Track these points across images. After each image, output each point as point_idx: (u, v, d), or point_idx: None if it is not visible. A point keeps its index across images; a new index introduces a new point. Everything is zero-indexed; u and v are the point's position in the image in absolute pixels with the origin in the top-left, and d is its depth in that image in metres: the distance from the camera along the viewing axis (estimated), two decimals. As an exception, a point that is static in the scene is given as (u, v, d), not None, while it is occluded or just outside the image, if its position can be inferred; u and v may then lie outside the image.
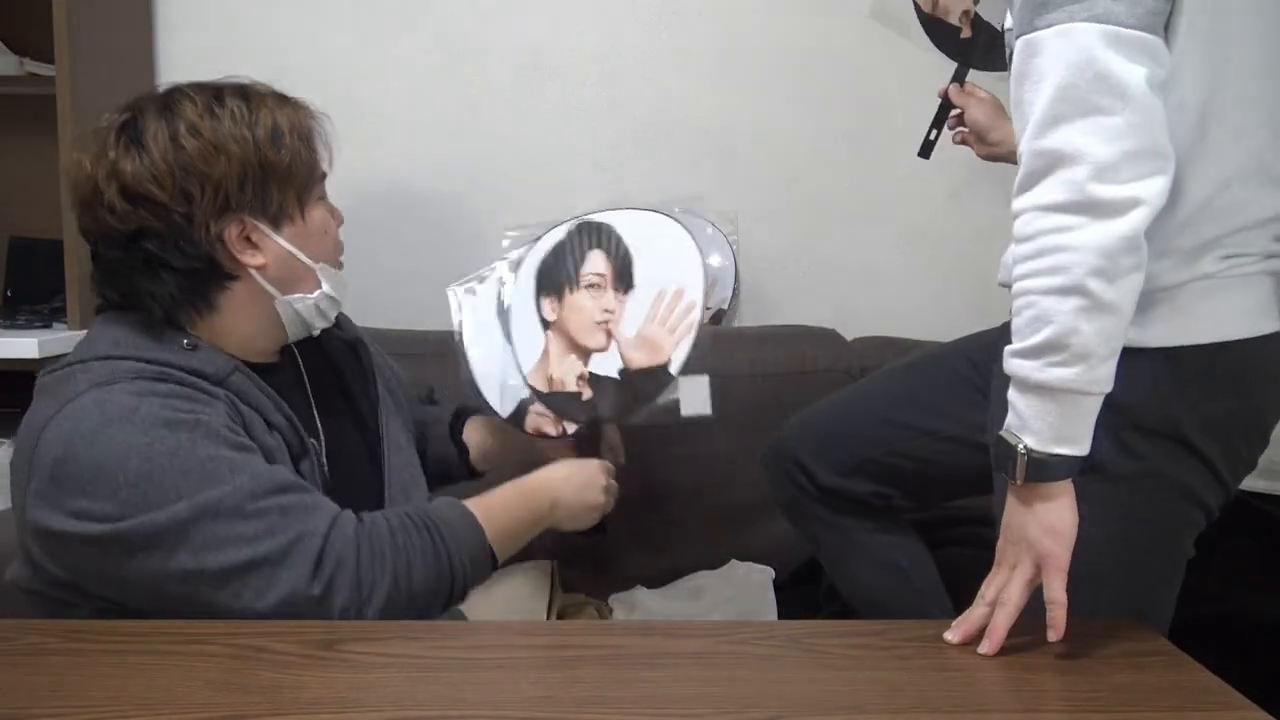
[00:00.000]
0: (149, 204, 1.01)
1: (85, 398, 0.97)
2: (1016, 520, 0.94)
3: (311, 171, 1.11)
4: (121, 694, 0.82)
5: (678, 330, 1.27)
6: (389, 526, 1.00)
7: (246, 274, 1.06)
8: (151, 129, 1.02)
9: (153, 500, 0.93)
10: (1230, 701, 0.84)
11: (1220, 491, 1.00)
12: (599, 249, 1.32)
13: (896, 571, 1.32)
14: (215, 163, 1.01)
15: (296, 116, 1.10)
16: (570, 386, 1.30)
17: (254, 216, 1.05)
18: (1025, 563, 0.93)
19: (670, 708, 0.81)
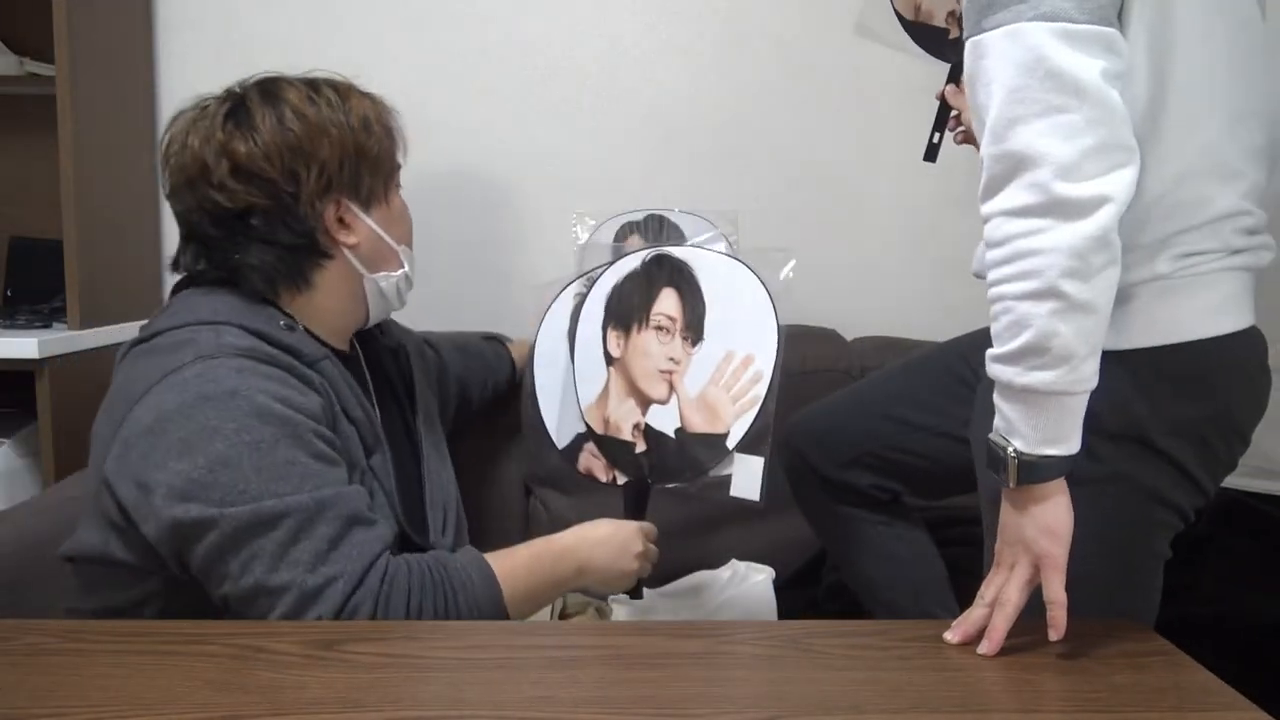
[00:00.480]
0: (260, 181, 1.06)
1: (189, 370, 0.98)
2: (1012, 522, 0.94)
3: (393, 160, 1.18)
4: (121, 694, 0.82)
5: (741, 401, 1.20)
6: (409, 583, 0.99)
7: (340, 252, 1.13)
8: (259, 113, 1.07)
9: (220, 492, 0.94)
10: (1230, 701, 0.84)
11: (1194, 492, 0.99)
12: (673, 288, 1.25)
13: (897, 563, 1.33)
14: (319, 145, 1.08)
15: (378, 109, 1.16)
16: (625, 435, 1.24)
17: (349, 198, 1.12)
18: (1023, 563, 0.93)
19: (670, 708, 0.81)
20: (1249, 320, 0.97)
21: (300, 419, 1.00)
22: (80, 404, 1.62)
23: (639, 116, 1.87)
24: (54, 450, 1.55)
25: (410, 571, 1.00)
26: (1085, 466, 0.93)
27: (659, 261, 1.27)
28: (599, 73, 1.86)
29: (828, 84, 1.87)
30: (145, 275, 1.83)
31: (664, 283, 1.26)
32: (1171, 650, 0.94)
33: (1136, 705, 0.83)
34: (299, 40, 1.84)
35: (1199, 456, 0.97)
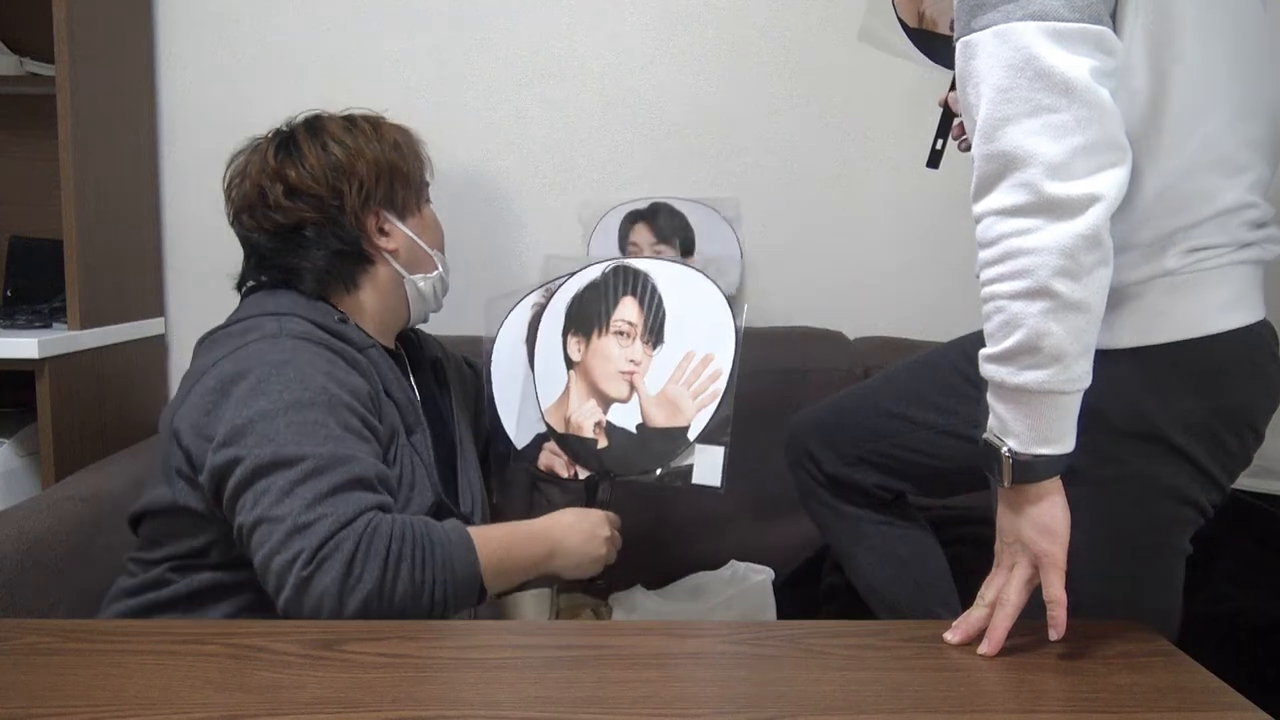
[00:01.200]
0: (309, 198, 1.24)
1: (252, 346, 1.13)
2: (1009, 522, 0.94)
3: (422, 178, 1.35)
4: (121, 694, 0.82)
5: (701, 396, 1.27)
6: (391, 533, 1.03)
7: (382, 257, 1.29)
8: (306, 143, 1.26)
9: (253, 438, 1.05)
10: (1230, 701, 0.84)
11: (1212, 488, 0.99)
12: (632, 296, 1.33)
13: (898, 563, 1.33)
14: (358, 165, 1.26)
15: (407, 136, 1.34)
16: (586, 433, 1.31)
17: (386, 210, 1.29)
18: (1022, 563, 0.93)
19: (670, 708, 0.81)
20: (1260, 313, 0.97)
21: (339, 393, 1.11)
22: (80, 404, 1.62)
23: (639, 116, 1.87)
24: (54, 450, 1.55)
25: (394, 524, 1.05)
26: (1103, 468, 0.93)
27: (619, 272, 1.35)
28: (599, 73, 1.86)
29: (828, 84, 1.87)
30: (145, 275, 1.83)
31: (624, 291, 1.34)
32: (1172, 650, 0.94)
33: (1137, 706, 0.83)
34: (299, 40, 1.84)
35: (1211, 451, 0.96)
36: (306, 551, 0.99)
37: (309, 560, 0.99)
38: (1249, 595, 1.43)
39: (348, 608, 0.99)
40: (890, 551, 1.33)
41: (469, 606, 1.10)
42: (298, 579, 0.98)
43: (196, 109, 1.85)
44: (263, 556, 1.01)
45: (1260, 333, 0.97)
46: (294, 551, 0.99)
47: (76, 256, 1.59)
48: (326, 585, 0.98)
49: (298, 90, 1.85)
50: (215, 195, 1.90)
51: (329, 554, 0.99)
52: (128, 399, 1.76)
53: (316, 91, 1.85)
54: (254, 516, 1.02)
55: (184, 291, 1.89)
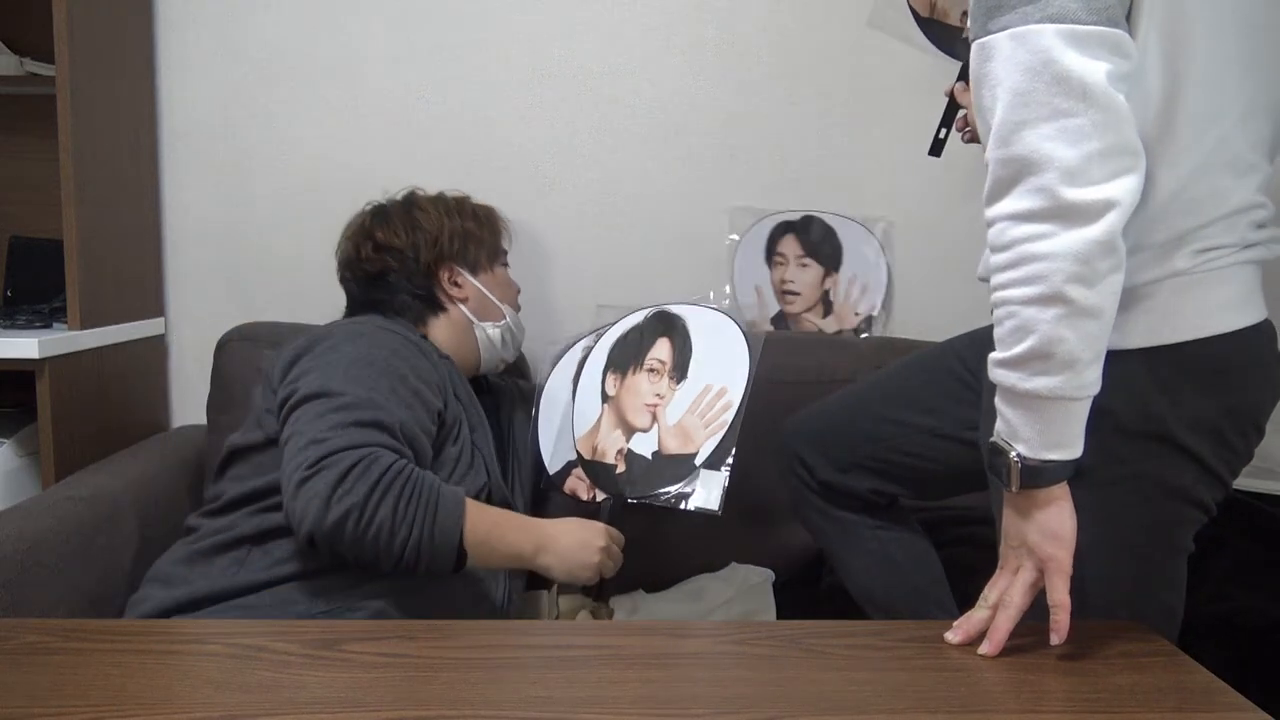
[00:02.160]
0: (392, 252, 1.47)
1: (340, 324, 1.35)
2: (1015, 526, 0.94)
3: (496, 244, 1.56)
4: (121, 693, 0.82)
5: (711, 425, 1.37)
6: (389, 465, 1.12)
7: (453, 305, 1.48)
8: (394, 212, 1.51)
9: (312, 377, 1.21)
10: (1230, 702, 0.84)
11: (1216, 486, 0.99)
12: (667, 338, 1.48)
13: (892, 567, 1.32)
14: (436, 227, 1.48)
15: (489, 213, 1.57)
16: (608, 459, 1.42)
17: (459, 264, 1.50)
18: (1027, 566, 0.93)
19: (670, 708, 0.81)
20: (1264, 313, 0.97)
21: (400, 366, 1.25)
22: (80, 404, 1.62)
23: (639, 116, 1.87)
24: (54, 450, 1.55)
25: (396, 461, 1.13)
26: (1110, 468, 0.93)
27: (660, 316, 1.51)
28: (599, 73, 1.86)
29: (829, 84, 1.87)
30: (145, 275, 1.83)
31: (661, 333, 1.49)
32: (1172, 651, 0.94)
33: (1137, 706, 0.83)
34: (299, 40, 1.84)
35: (1217, 449, 0.97)
36: (310, 460, 1.10)
37: (310, 465, 1.10)
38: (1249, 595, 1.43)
39: (330, 515, 1.08)
40: (885, 556, 1.33)
41: (444, 566, 1.14)
42: (298, 479, 1.10)
43: (196, 109, 1.85)
44: (283, 464, 1.14)
45: (1265, 331, 0.97)
46: (302, 457, 1.11)
47: (76, 256, 1.59)
48: (318, 489, 1.08)
49: (298, 90, 1.85)
50: (215, 195, 1.91)
51: (329, 465, 1.10)
52: (128, 399, 1.76)
53: (316, 91, 1.85)
54: (289, 432, 1.17)
55: (184, 291, 1.89)
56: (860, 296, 1.89)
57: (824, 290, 1.90)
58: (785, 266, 1.89)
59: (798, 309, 1.90)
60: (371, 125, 1.86)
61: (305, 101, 1.85)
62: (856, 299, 1.89)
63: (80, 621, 1.07)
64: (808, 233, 1.89)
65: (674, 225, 1.89)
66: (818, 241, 1.89)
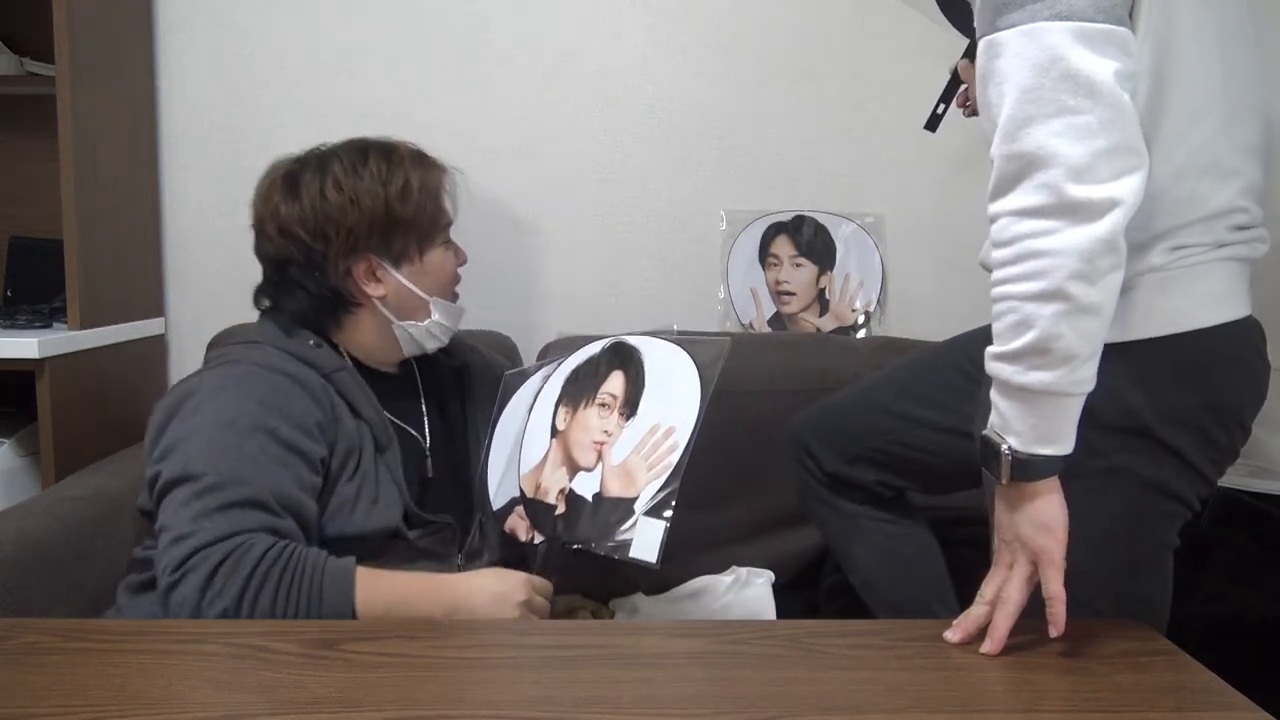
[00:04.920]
0: (296, 241, 1.25)
1: (213, 370, 1.22)
2: (1007, 519, 0.94)
3: (435, 223, 1.32)
4: (121, 693, 0.82)
5: (655, 468, 1.24)
6: (262, 554, 1.04)
7: (370, 302, 1.29)
8: (306, 181, 1.27)
9: (177, 456, 1.11)
10: (1230, 701, 0.84)
11: (1198, 481, 0.99)
12: (621, 371, 1.34)
13: (898, 561, 1.33)
14: (349, 213, 1.25)
15: (429, 175, 1.31)
16: (550, 499, 1.29)
17: (379, 256, 1.28)
18: (1021, 560, 0.93)
19: (670, 708, 0.81)
20: (1245, 309, 0.97)
21: (268, 419, 1.14)
22: (80, 404, 1.62)
23: (639, 116, 1.87)
24: (54, 450, 1.55)
25: (270, 547, 1.05)
26: (1086, 460, 0.93)
27: (616, 348, 1.37)
28: (599, 73, 1.86)
29: (828, 84, 1.87)
30: (145, 275, 1.83)
31: (615, 366, 1.34)
32: (1173, 650, 0.94)
33: (1137, 705, 0.83)
34: (299, 40, 1.84)
35: (1198, 445, 0.97)
36: (176, 560, 1.03)
37: (176, 567, 1.02)
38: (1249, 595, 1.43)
39: (206, 616, 1.01)
40: (891, 549, 1.33)
41: None
42: (165, 584, 1.03)
43: (196, 109, 1.85)
44: (155, 559, 1.07)
45: (1246, 327, 0.97)
46: (168, 558, 1.03)
47: (76, 256, 1.59)
48: (186, 594, 1.01)
49: (297, 90, 1.85)
50: (215, 195, 1.91)
51: (194, 565, 1.02)
52: (128, 399, 1.76)
53: (316, 92, 1.85)
54: (159, 524, 1.09)
55: (184, 291, 1.89)
56: (856, 293, 1.89)
57: (819, 289, 1.90)
58: (779, 267, 1.90)
59: (794, 309, 1.90)
60: (371, 125, 1.84)
61: (305, 101, 1.85)
62: (852, 296, 1.89)
63: (80, 621, 1.07)
64: (800, 232, 1.89)
65: (673, 225, 1.89)
66: (810, 241, 1.89)
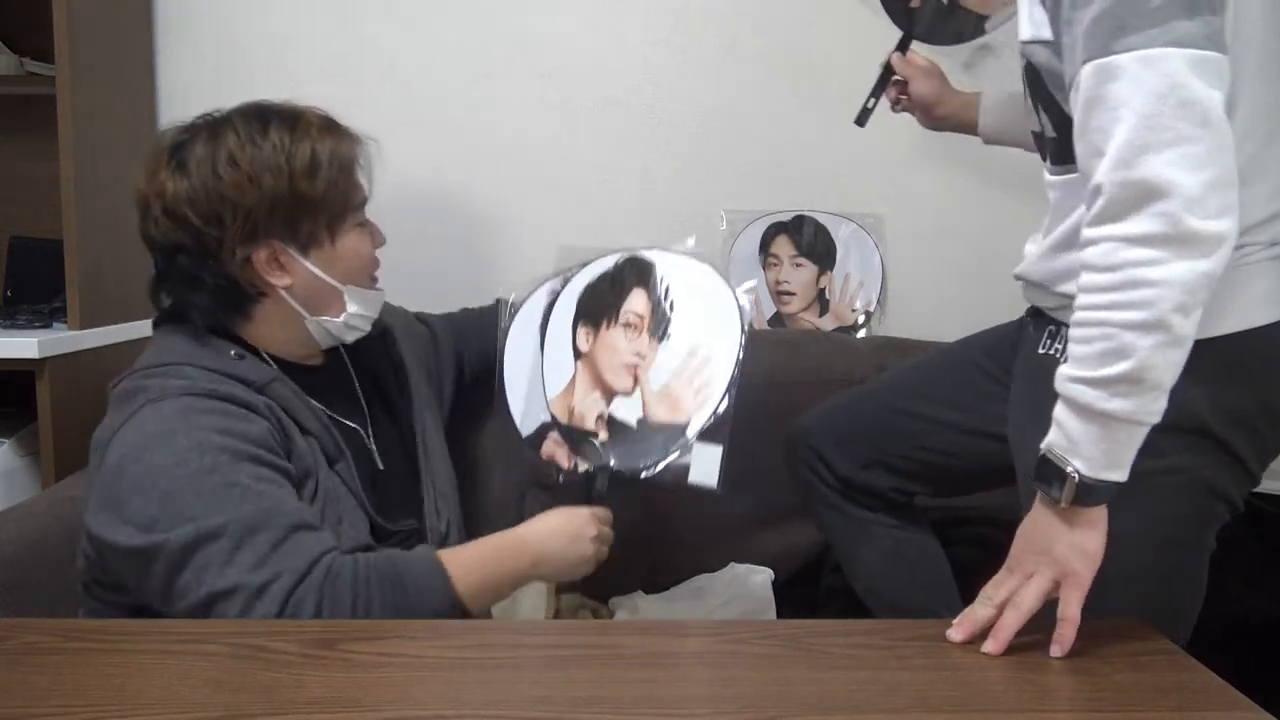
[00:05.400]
0: (185, 225, 1.10)
1: (138, 416, 1.05)
2: (1043, 534, 0.93)
3: (347, 201, 1.17)
4: (121, 693, 0.82)
5: (701, 394, 1.23)
6: (354, 576, 1.01)
7: (275, 292, 1.15)
8: (197, 155, 1.11)
9: (167, 521, 0.99)
10: (1231, 701, 0.84)
11: (1246, 482, 1.00)
12: (643, 288, 1.29)
13: (904, 565, 1.32)
14: (248, 193, 1.09)
15: (339, 146, 1.17)
16: (588, 425, 1.27)
17: (283, 242, 1.13)
18: (1045, 575, 0.93)
19: (670, 708, 0.81)
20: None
21: (241, 446, 1.04)
22: (80, 404, 1.62)
23: (639, 116, 1.87)
24: (54, 450, 1.55)
25: (357, 566, 1.02)
26: (1146, 462, 0.92)
27: (632, 263, 1.31)
28: (599, 73, 1.86)
29: (828, 84, 1.87)
30: (145, 275, 1.82)
31: (635, 283, 1.30)
32: (1174, 649, 0.94)
33: (1138, 705, 0.83)
34: (299, 40, 1.84)
35: (1251, 445, 0.98)
36: (270, 614, 0.97)
37: (278, 616, 0.97)
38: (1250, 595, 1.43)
39: None
40: (899, 554, 1.32)
41: None
42: None
43: (196, 109, 1.83)
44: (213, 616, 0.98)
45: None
46: (262, 613, 0.97)
47: (76, 256, 1.59)
48: None
49: (297, 91, 1.84)
50: (215, 195, 1.90)
51: (292, 614, 0.97)
52: (128, 399, 1.76)
53: (316, 92, 1.83)
54: (203, 595, 0.98)
55: (184, 291, 1.89)
56: (856, 293, 1.89)
57: (819, 289, 1.90)
58: (779, 267, 1.89)
59: (794, 309, 1.90)
60: (370, 125, 1.84)
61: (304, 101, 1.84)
62: (852, 296, 1.89)
63: (80, 621, 1.07)
64: (800, 232, 1.89)
65: (673, 225, 1.89)
66: (811, 241, 1.89)
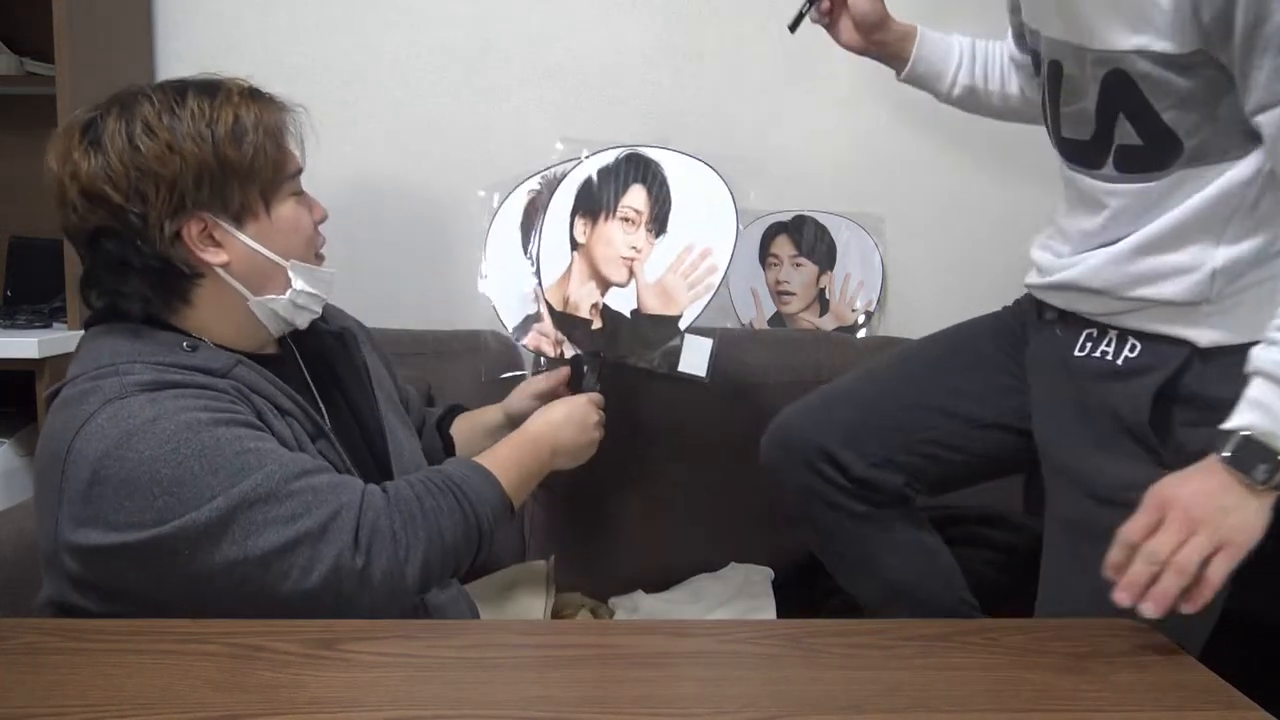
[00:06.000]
0: (105, 204, 1.01)
1: (100, 416, 0.96)
2: (1217, 503, 0.91)
3: (279, 168, 1.10)
4: (120, 693, 0.81)
5: (696, 288, 1.27)
6: (414, 491, 1.03)
7: (212, 271, 1.06)
8: (110, 129, 1.03)
9: (190, 502, 0.94)
10: (1231, 701, 0.84)
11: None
12: (641, 184, 1.32)
13: (928, 556, 1.29)
14: (169, 162, 1.01)
15: (265, 113, 1.09)
16: (582, 313, 1.31)
17: (214, 214, 1.05)
18: (1205, 540, 0.90)
19: (670, 708, 0.81)
20: None
21: (232, 417, 0.99)
22: (80, 404, 1.62)
23: (639, 116, 1.87)
24: (54, 450, 1.55)
25: (412, 484, 1.04)
26: None
27: (632, 159, 1.34)
28: (598, 72, 1.86)
29: (828, 84, 1.87)
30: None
31: (634, 179, 1.32)
32: (1173, 649, 0.94)
33: (1138, 704, 0.83)
34: (298, 40, 1.84)
35: None
36: (346, 548, 0.96)
37: (352, 551, 0.97)
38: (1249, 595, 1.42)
39: (409, 578, 0.99)
40: (920, 547, 1.30)
41: (505, 527, 1.12)
42: (356, 567, 0.96)
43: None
44: (294, 582, 0.96)
45: None
46: (334, 553, 0.96)
47: (77, 256, 1.59)
48: (385, 566, 0.98)
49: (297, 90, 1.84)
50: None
51: (371, 536, 0.98)
52: (128, 399, 1.76)
53: (316, 92, 1.85)
54: (257, 555, 0.95)
55: (184, 291, 1.89)
56: (856, 293, 1.89)
57: (819, 289, 1.90)
58: (780, 267, 1.90)
59: (794, 309, 1.90)
60: (370, 125, 1.86)
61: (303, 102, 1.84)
62: (852, 296, 1.89)
63: (79, 621, 1.07)
64: (800, 232, 1.89)
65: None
66: (811, 241, 1.89)
